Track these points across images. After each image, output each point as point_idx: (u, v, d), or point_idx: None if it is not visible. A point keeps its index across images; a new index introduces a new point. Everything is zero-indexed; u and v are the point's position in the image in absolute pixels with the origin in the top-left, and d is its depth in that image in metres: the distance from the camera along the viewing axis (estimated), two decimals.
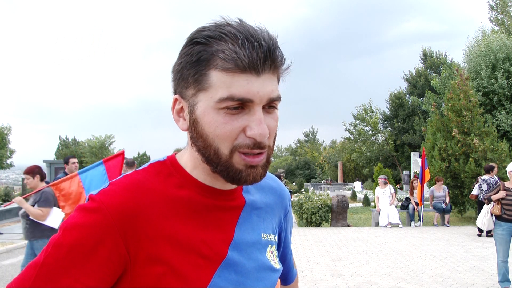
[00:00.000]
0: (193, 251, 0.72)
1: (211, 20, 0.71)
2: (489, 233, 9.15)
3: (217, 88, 0.67)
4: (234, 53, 0.66)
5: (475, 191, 9.72)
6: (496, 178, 9.45)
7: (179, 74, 0.72)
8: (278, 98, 0.72)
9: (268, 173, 0.94)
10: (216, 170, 0.72)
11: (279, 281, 1.04)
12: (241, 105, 0.68)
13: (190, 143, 0.76)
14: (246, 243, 0.80)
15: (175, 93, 0.75)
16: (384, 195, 11.21)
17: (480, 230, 9.37)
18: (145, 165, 0.79)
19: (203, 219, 0.75)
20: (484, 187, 9.32)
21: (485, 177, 9.40)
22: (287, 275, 1.07)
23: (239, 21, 0.70)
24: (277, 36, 0.71)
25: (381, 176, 11.73)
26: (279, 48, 0.71)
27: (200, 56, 0.68)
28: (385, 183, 11.42)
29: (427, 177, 11.28)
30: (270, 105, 0.71)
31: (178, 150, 0.84)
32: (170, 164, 0.79)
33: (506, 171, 11.25)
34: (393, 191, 11.40)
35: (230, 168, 0.71)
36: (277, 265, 0.87)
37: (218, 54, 0.66)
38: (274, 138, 0.75)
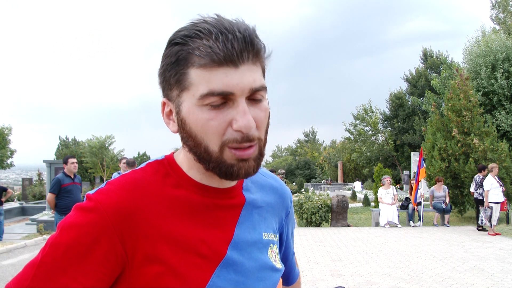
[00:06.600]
0: (191, 250, 0.71)
1: (189, 20, 0.70)
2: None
3: (197, 85, 0.67)
4: (208, 48, 0.65)
5: (473, 189, 10.23)
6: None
7: (163, 77, 0.72)
8: (262, 88, 0.70)
9: (269, 172, 0.94)
10: (209, 167, 0.72)
11: (280, 280, 1.03)
12: (224, 99, 0.67)
13: (182, 144, 0.75)
14: (246, 242, 0.79)
15: (163, 96, 0.75)
16: (388, 196, 11.21)
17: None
18: (143, 165, 0.78)
19: (202, 218, 0.75)
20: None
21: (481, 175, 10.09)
22: (289, 275, 1.06)
23: (216, 17, 0.69)
24: (255, 26, 0.69)
25: (385, 177, 11.73)
26: (257, 37, 0.69)
27: (178, 56, 0.68)
28: (389, 184, 11.43)
29: (421, 175, 11.29)
30: (255, 96, 0.70)
31: (176, 150, 0.83)
32: (168, 164, 0.78)
33: (506, 171, 11.41)
34: (396, 192, 11.40)
35: (222, 164, 0.70)
36: (278, 264, 0.86)
37: (194, 51, 0.66)
38: (266, 130, 0.74)
